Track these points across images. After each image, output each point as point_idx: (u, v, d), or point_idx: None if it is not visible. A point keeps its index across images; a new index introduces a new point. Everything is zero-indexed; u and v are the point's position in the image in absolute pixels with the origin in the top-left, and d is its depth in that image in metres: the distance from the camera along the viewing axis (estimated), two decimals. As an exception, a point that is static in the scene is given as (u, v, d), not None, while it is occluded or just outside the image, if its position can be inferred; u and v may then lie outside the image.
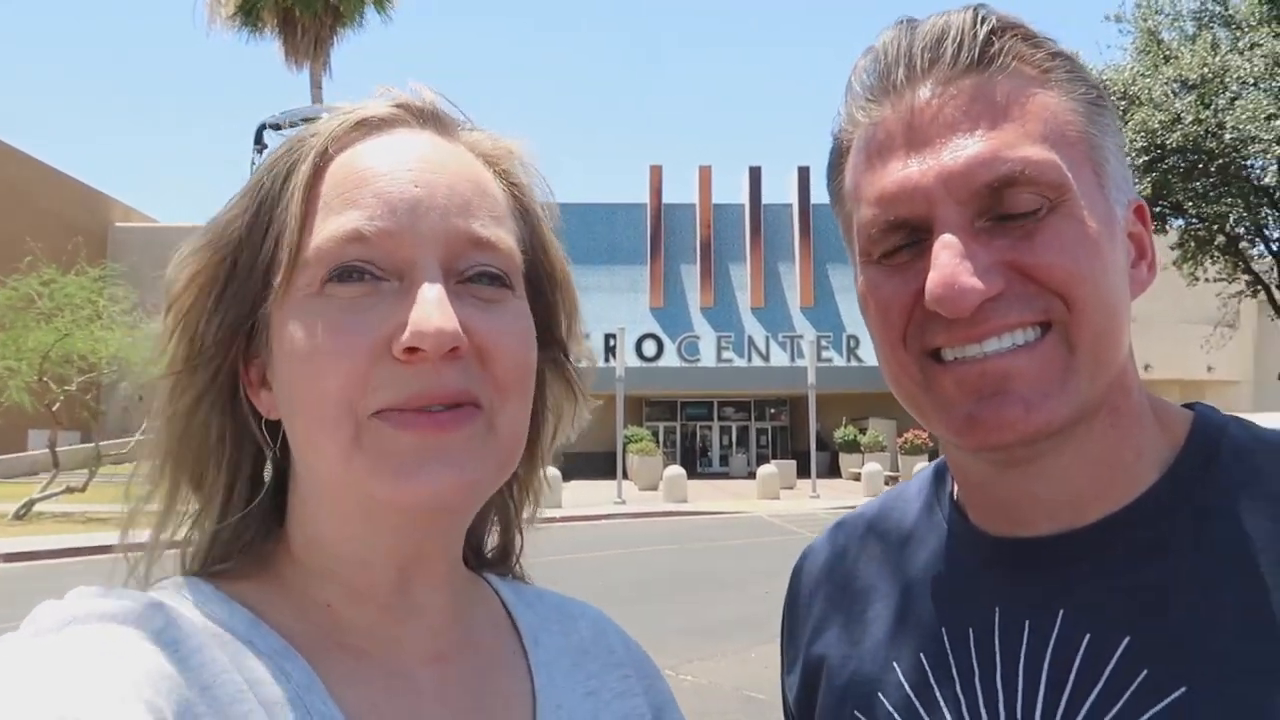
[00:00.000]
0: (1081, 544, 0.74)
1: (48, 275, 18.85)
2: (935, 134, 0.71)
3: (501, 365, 0.67)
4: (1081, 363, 0.69)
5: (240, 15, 27.84)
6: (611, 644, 0.87)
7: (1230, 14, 21.92)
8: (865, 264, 0.77)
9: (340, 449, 0.64)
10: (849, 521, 0.98)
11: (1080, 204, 0.70)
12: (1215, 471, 0.73)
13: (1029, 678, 0.72)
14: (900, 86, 0.74)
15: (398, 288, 0.65)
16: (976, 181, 0.69)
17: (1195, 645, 0.67)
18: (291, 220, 0.66)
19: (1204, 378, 35.41)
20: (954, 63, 0.72)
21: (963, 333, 0.70)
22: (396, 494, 0.64)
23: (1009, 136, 0.70)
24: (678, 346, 36.00)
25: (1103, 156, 0.74)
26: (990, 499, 0.79)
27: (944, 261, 0.68)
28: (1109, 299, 0.70)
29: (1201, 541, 0.70)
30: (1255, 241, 23.21)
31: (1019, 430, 0.69)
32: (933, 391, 0.73)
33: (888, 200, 0.72)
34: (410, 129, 0.71)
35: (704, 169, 37.68)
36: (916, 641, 0.81)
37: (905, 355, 0.74)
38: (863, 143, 0.76)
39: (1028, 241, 0.69)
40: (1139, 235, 0.78)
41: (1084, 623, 0.71)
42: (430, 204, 0.67)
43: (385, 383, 0.63)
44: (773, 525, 17.49)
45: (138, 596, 0.63)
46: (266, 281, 0.68)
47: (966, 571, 0.81)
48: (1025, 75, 0.73)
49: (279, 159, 0.70)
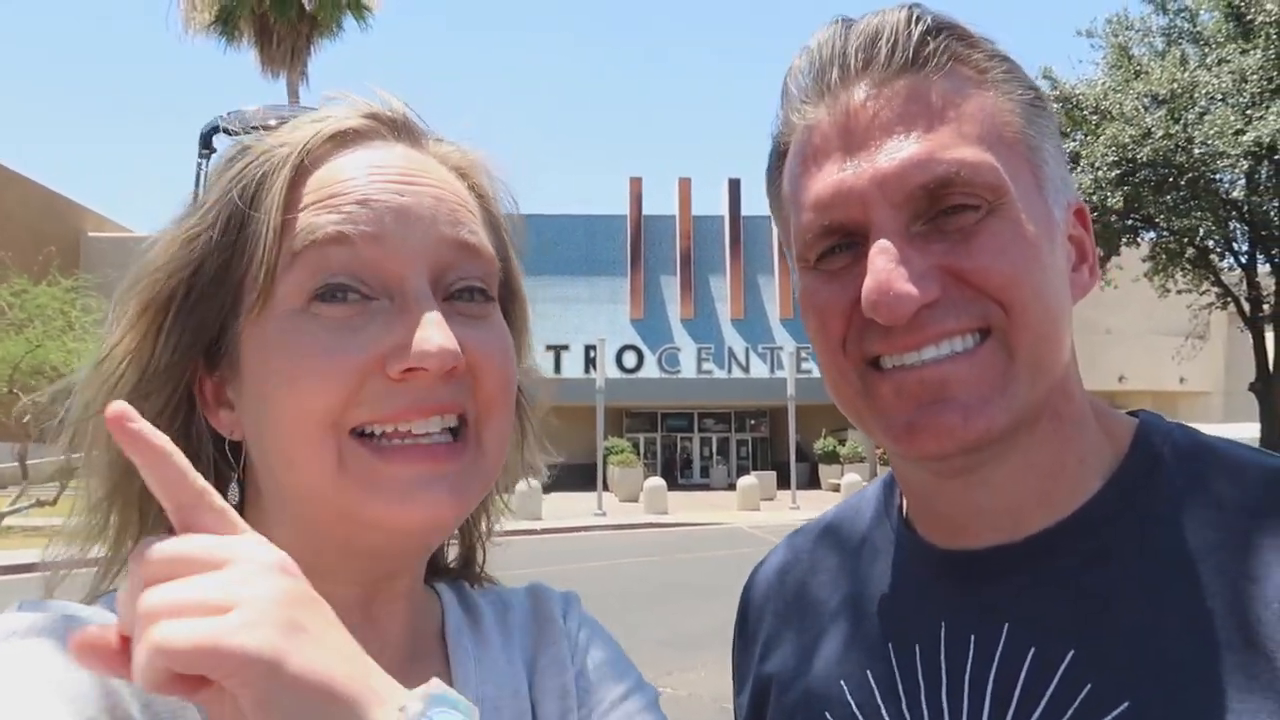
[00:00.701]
0: (1025, 554, 0.73)
1: (18, 285, 18.58)
2: (870, 136, 0.70)
3: (490, 381, 0.68)
4: (1021, 369, 0.68)
5: (217, 24, 27.67)
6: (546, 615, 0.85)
7: (1198, 30, 22.30)
8: (803, 270, 0.76)
9: (323, 470, 0.63)
10: (798, 537, 0.97)
11: (1018, 206, 0.69)
12: (1159, 478, 0.72)
13: (974, 693, 0.71)
14: (835, 88, 0.72)
15: (388, 307, 0.64)
16: (911, 184, 0.68)
17: (1140, 656, 0.66)
18: (269, 233, 0.64)
19: (1176, 389, 35.82)
20: (888, 63, 0.71)
21: (900, 340, 0.69)
22: (395, 519, 0.64)
23: (944, 138, 0.68)
24: (658, 358, 35.98)
25: (1041, 158, 0.73)
26: (935, 510, 0.78)
27: (879, 267, 0.67)
28: (1048, 303, 0.69)
29: (1145, 549, 0.69)
30: (1225, 254, 23.54)
31: (958, 438, 0.68)
32: (872, 399, 0.72)
33: (823, 204, 0.71)
34: (385, 141, 0.70)
35: (684, 180, 37.75)
36: (863, 657, 0.79)
37: (845, 363, 0.73)
38: (798, 146, 0.75)
39: (964, 245, 0.68)
40: (1079, 238, 0.77)
41: (1029, 635, 0.70)
42: (417, 212, 0.66)
43: (371, 398, 0.63)
44: (753, 536, 17.47)
45: (77, 610, 0.62)
46: (236, 298, 0.66)
47: (913, 585, 0.80)
48: (961, 76, 0.71)
49: (244, 170, 0.67)
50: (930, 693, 0.74)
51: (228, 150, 0.71)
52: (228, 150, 0.71)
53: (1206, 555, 0.67)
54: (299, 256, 0.64)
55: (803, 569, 0.92)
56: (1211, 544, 0.68)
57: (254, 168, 0.67)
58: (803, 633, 0.87)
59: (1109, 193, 20.79)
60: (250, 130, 0.71)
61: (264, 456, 0.67)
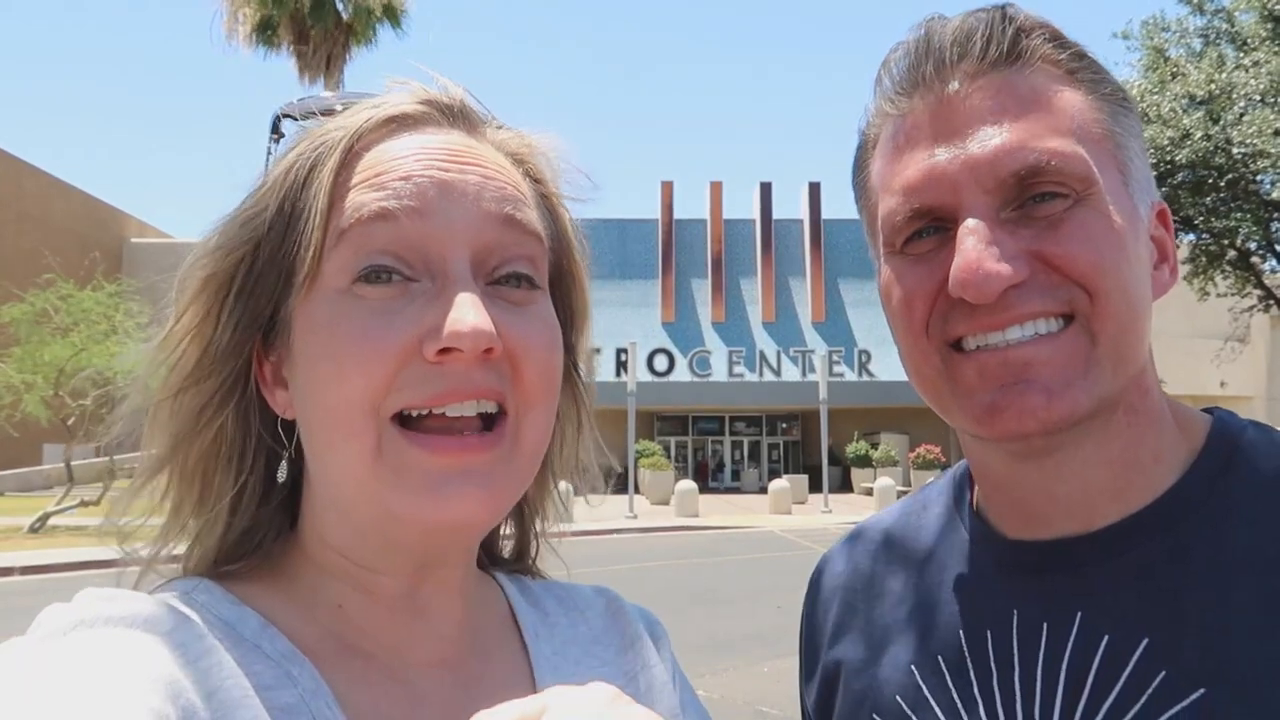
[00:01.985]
0: (1099, 546, 0.74)
1: (64, 290, 19.00)
2: (963, 125, 0.72)
3: (531, 370, 0.67)
4: (1103, 355, 0.70)
5: (257, 32, 28.11)
6: (623, 626, 0.85)
7: (1236, 31, 21.88)
8: (889, 254, 0.77)
9: (361, 456, 0.63)
10: (866, 528, 0.98)
11: (1106, 199, 0.70)
12: (1233, 475, 0.73)
13: (1047, 679, 0.72)
14: (929, 80, 0.74)
15: (429, 289, 0.64)
16: (1003, 170, 0.69)
17: (1213, 648, 0.67)
18: (317, 210, 0.65)
19: (1217, 393, 35.10)
20: (983, 57, 0.73)
21: (985, 320, 0.70)
22: (422, 513, 0.63)
23: (1036, 128, 0.70)
24: (689, 361, 35.93)
25: (1127, 156, 0.74)
26: (1009, 498, 0.79)
27: (969, 246, 0.68)
28: (1132, 294, 0.70)
29: (1219, 544, 0.70)
30: (1266, 256, 23.07)
31: (1040, 419, 0.69)
32: (954, 380, 0.73)
33: (914, 188, 0.73)
34: (439, 127, 0.70)
35: (715, 184, 37.69)
36: (934, 644, 0.81)
37: (927, 344, 0.74)
38: (890, 134, 0.77)
39: (1053, 232, 0.69)
40: (1161, 238, 0.78)
41: (1102, 624, 0.71)
42: (461, 188, 0.66)
43: (410, 382, 0.62)
44: (785, 540, 17.38)
45: (146, 599, 0.62)
46: (289, 277, 0.66)
47: (984, 574, 0.81)
48: (1051, 73, 0.73)
49: (301, 153, 0.68)
50: (1003, 678, 0.75)
51: (293, 135, 0.71)
52: (293, 135, 0.71)
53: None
54: (344, 235, 0.64)
55: (872, 559, 0.93)
56: None
57: (309, 151, 0.68)
58: (872, 621, 0.88)
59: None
60: (313, 115, 0.72)
61: (309, 438, 0.67)
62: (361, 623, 0.70)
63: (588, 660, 0.81)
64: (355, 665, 0.68)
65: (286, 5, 27.09)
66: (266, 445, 0.71)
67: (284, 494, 0.74)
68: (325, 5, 27.46)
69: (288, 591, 0.70)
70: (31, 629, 0.59)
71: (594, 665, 0.81)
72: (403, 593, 0.70)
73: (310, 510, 0.71)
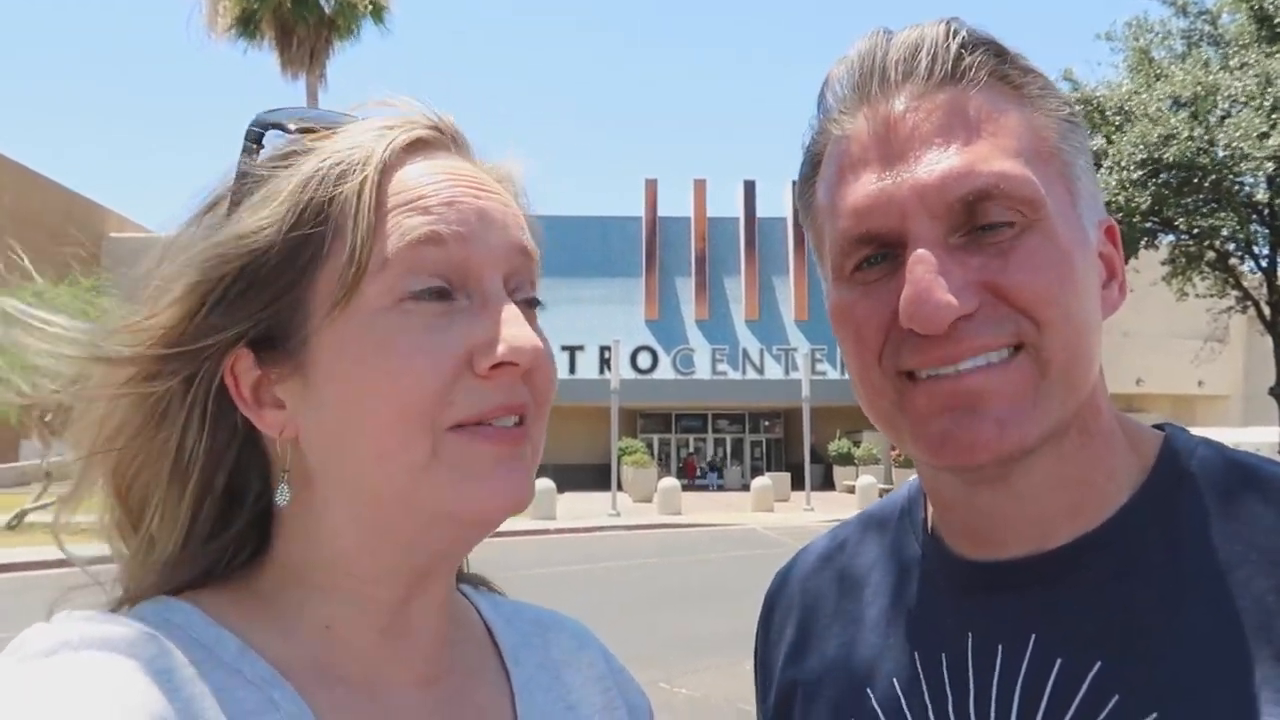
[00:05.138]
0: (1052, 566, 0.73)
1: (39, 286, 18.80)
2: (909, 147, 0.70)
3: (543, 378, 0.71)
4: (1053, 383, 0.69)
5: (238, 26, 27.89)
6: (592, 657, 0.87)
7: (1219, 33, 22.13)
8: (838, 280, 0.75)
9: (415, 464, 0.65)
10: (822, 544, 0.97)
11: (1054, 222, 0.69)
12: (1185, 492, 0.73)
13: (1001, 704, 0.72)
14: (874, 99, 0.73)
15: (468, 306, 0.67)
16: (950, 196, 0.68)
17: (1165, 670, 0.66)
18: (360, 230, 0.65)
19: (1195, 392, 35.52)
20: (928, 76, 0.72)
21: (936, 352, 0.69)
22: (475, 503, 0.66)
23: (983, 151, 0.69)
24: (672, 359, 35.99)
25: (1074, 174, 0.73)
26: (962, 520, 0.78)
27: (918, 276, 0.67)
28: (1080, 321, 0.70)
29: (1171, 564, 0.70)
30: (1245, 257, 23.35)
31: (992, 449, 0.68)
32: (906, 410, 0.72)
33: (861, 213, 0.71)
34: (448, 152, 0.73)
35: (699, 182, 37.78)
36: (890, 667, 0.80)
37: (880, 375, 0.73)
38: (836, 155, 0.75)
39: (1001, 260, 0.68)
40: (1109, 256, 0.77)
41: (1055, 647, 0.71)
42: (494, 216, 0.70)
43: (464, 397, 0.65)
44: (767, 538, 17.45)
45: (128, 623, 0.62)
46: (303, 298, 0.66)
47: (940, 595, 0.80)
48: (998, 91, 0.72)
49: (318, 167, 0.67)
50: (958, 703, 0.74)
51: (281, 147, 0.70)
52: (281, 147, 0.70)
53: (1233, 569, 0.68)
54: (391, 257, 0.65)
55: (828, 575, 0.92)
56: (1238, 557, 0.68)
57: (331, 169, 0.66)
58: (828, 640, 0.88)
59: (1134, 193, 20.64)
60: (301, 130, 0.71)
61: (340, 456, 0.66)
62: (347, 643, 0.70)
63: (557, 687, 0.82)
64: (337, 688, 0.68)
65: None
66: (231, 461, 0.71)
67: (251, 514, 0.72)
68: None
69: (264, 612, 0.69)
70: (12, 649, 0.58)
71: (562, 693, 0.82)
72: (393, 608, 0.71)
73: (300, 529, 0.70)
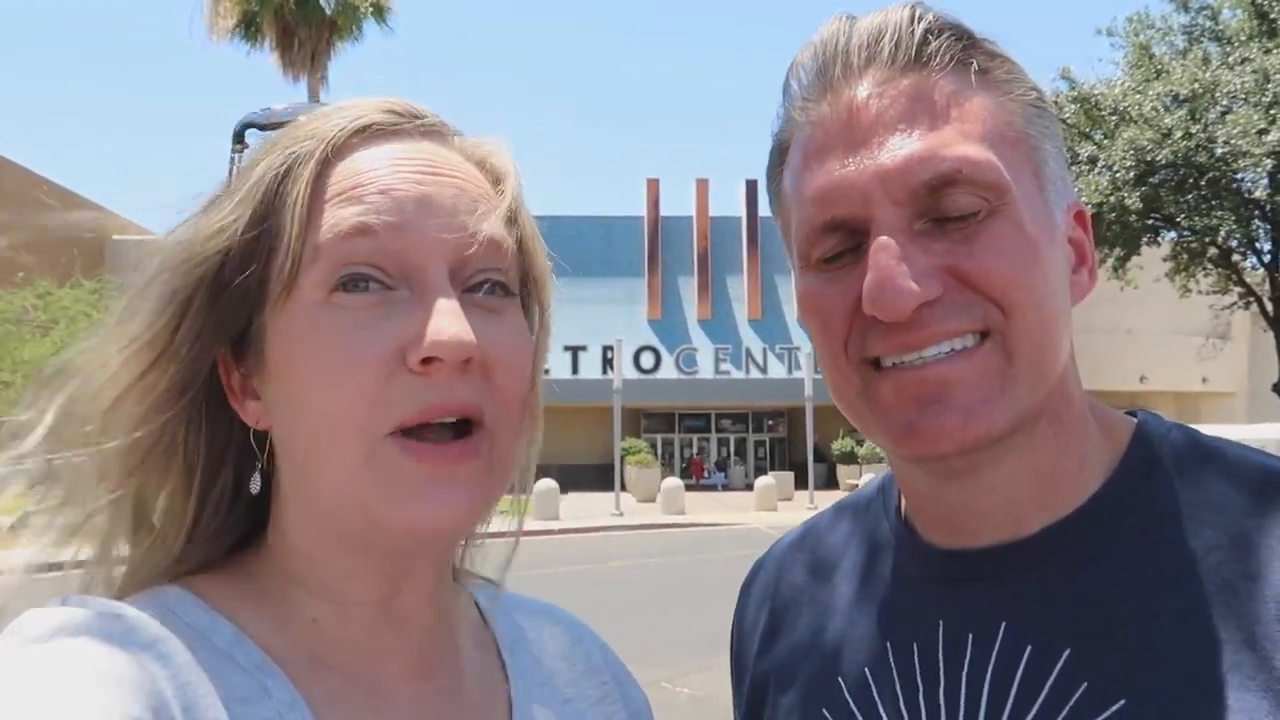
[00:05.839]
0: (1023, 555, 0.73)
1: (43, 288, 18.80)
2: (872, 133, 0.69)
3: (506, 376, 0.67)
4: (1020, 371, 0.68)
5: (240, 28, 27.89)
6: (589, 650, 0.87)
7: (1220, 29, 22.07)
8: (804, 268, 0.75)
9: (348, 467, 0.63)
10: (795, 534, 0.97)
11: (1020, 207, 0.68)
12: (1156, 479, 0.72)
13: (971, 692, 0.72)
14: (837, 85, 0.72)
15: (408, 297, 0.64)
16: (914, 181, 0.67)
17: (1136, 656, 0.66)
18: (295, 223, 0.64)
19: (1198, 389, 35.41)
20: (892, 61, 0.71)
21: (900, 339, 0.69)
22: (402, 520, 0.63)
23: (947, 136, 0.68)
24: (675, 358, 35.95)
25: (1041, 159, 0.72)
26: (933, 510, 0.78)
27: (881, 264, 0.66)
28: (1047, 307, 0.69)
29: (1142, 550, 0.70)
30: (1247, 254, 23.29)
31: (958, 439, 0.68)
32: (872, 400, 0.72)
33: (825, 200, 0.70)
34: (409, 137, 0.70)
35: (701, 182, 37.71)
36: (862, 656, 0.80)
37: (846, 363, 0.73)
38: (800, 143, 0.74)
39: (966, 246, 0.68)
40: (1079, 240, 0.77)
41: (1025, 635, 0.71)
42: (439, 201, 0.66)
43: (400, 398, 0.62)
44: (770, 537, 17.20)
45: (123, 607, 0.62)
46: (260, 291, 0.66)
47: (912, 584, 0.80)
48: (963, 75, 0.71)
49: (270, 164, 0.67)
50: (928, 692, 0.74)
51: (256, 145, 0.71)
52: (256, 145, 0.71)
53: (1204, 555, 0.67)
54: (322, 249, 0.64)
55: (801, 567, 0.92)
56: (1209, 544, 0.68)
57: (279, 162, 0.66)
58: (800, 631, 0.87)
59: (1126, 194, 20.61)
60: (278, 125, 0.71)
61: (290, 451, 0.67)
62: (336, 637, 0.69)
63: (555, 679, 0.81)
64: (330, 678, 0.68)
65: (270, 1, 26.90)
66: (234, 454, 0.71)
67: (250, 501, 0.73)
68: (310, 1, 27.28)
69: (259, 601, 0.69)
70: (9, 632, 0.58)
71: (560, 685, 0.81)
72: (377, 604, 0.70)
73: (283, 520, 0.70)
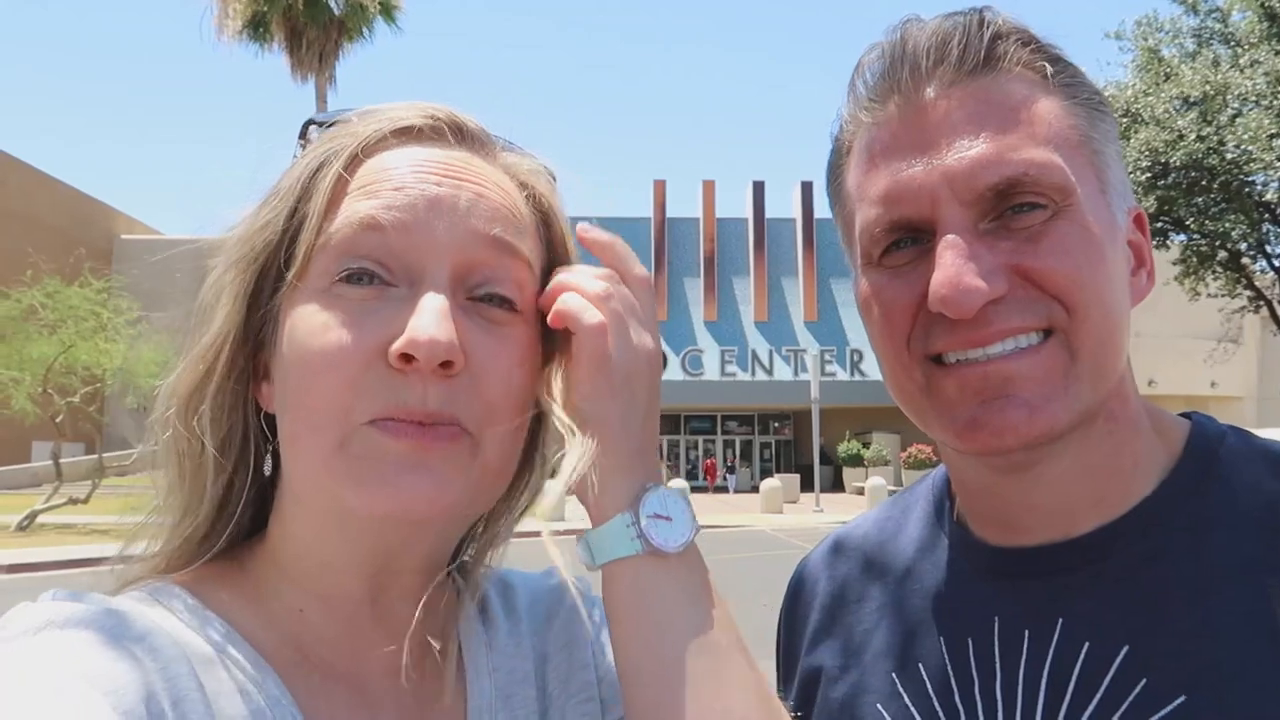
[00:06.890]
0: (1080, 552, 0.74)
1: (51, 287, 18.89)
2: (940, 135, 0.71)
3: (491, 388, 0.65)
4: (1082, 369, 0.69)
5: (249, 28, 28.00)
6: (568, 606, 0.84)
7: (1230, 31, 21.98)
8: (866, 266, 0.76)
9: (322, 452, 0.63)
10: (847, 534, 0.97)
11: (1084, 209, 0.70)
12: (1212, 480, 0.73)
13: (1028, 687, 0.72)
14: (905, 87, 0.73)
15: (405, 294, 0.64)
16: (980, 183, 0.69)
17: (1194, 654, 0.67)
18: (314, 213, 0.66)
19: (1208, 393, 35.32)
20: (959, 65, 0.72)
21: (966, 336, 0.69)
22: (370, 502, 0.63)
23: (1013, 139, 0.70)
24: (681, 360, 35.98)
25: (1104, 162, 0.74)
26: (989, 507, 0.79)
27: (948, 262, 0.68)
28: (1110, 306, 0.70)
29: (1199, 550, 0.70)
30: (1257, 257, 23.19)
31: (1021, 434, 0.69)
32: (935, 395, 0.73)
33: (891, 200, 0.72)
34: (445, 143, 0.70)
35: (707, 183, 37.82)
36: (915, 652, 0.81)
37: (909, 359, 0.74)
38: (865, 142, 0.76)
39: (1031, 245, 0.69)
40: (1138, 244, 0.78)
41: (1083, 632, 0.71)
42: (451, 204, 0.66)
43: (376, 390, 0.62)
44: (776, 539, 17.39)
45: (113, 604, 0.62)
46: (284, 274, 0.67)
47: (965, 581, 0.80)
48: (1029, 80, 0.72)
49: (309, 160, 0.69)
50: (985, 686, 0.75)
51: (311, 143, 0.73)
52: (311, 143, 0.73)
53: (1259, 557, 0.68)
54: (333, 239, 0.65)
55: (852, 566, 0.92)
56: (1264, 545, 0.69)
57: (315, 157, 0.69)
58: (852, 627, 0.88)
59: (1140, 196, 20.55)
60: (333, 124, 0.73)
61: (282, 432, 0.67)
62: (321, 629, 0.69)
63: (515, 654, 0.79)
64: (316, 674, 0.68)
65: (278, 2, 26.99)
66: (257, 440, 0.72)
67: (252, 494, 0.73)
68: (319, 1, 27.37)
69: (251, 595, 0.69)
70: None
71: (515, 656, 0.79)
72: (363, 599, 0.71)
73: (280, 508, 0.71)
